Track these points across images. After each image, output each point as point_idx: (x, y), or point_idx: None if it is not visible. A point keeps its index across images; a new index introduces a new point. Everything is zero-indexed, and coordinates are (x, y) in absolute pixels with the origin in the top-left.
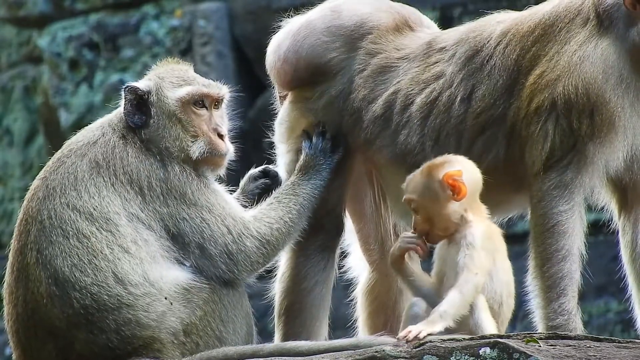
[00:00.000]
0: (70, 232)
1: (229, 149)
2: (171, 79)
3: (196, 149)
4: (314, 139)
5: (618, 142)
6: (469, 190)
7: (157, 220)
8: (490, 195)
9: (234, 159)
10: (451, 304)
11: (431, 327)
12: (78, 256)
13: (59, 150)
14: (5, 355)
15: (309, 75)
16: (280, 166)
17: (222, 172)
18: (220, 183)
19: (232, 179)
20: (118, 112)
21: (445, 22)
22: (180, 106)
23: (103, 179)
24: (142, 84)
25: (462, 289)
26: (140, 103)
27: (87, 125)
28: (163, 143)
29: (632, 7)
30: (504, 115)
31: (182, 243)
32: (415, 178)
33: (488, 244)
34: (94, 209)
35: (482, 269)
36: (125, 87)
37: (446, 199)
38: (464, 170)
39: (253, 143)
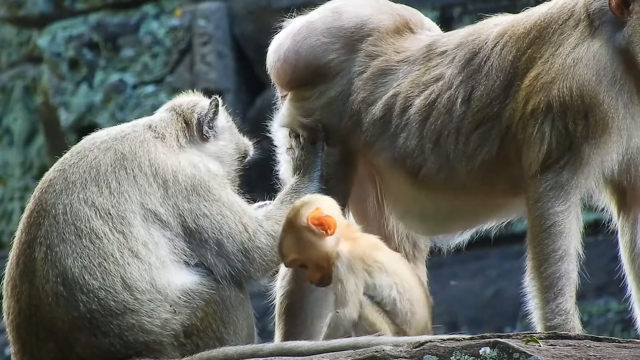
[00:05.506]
0: (84, 231)
1: None
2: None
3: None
4: (294, 144)
5: (612, 143)
6: (336, 220)
7: (175, 216)
8: (490, 200)
9: None
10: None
11: None
12: (89, 258)
13: (79, 144)
14: (5, 355)
15: (309, 76)
16: (281, 164)
17: None
18: None
19: None
20: (159, 117)
21: (445, 22)
22: (242, 151)
23: (126, 171)
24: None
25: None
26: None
27: (86, 125)
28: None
29: (619, 12)
30: (499, 115)
31: (200, 240)
32: (284, 239)
33: (357, 264)
34: (112, 206)
35: (350, 302)
36: (218, 96)
37: (321, 238)
38: (320, 206)
39: (253, 142)
